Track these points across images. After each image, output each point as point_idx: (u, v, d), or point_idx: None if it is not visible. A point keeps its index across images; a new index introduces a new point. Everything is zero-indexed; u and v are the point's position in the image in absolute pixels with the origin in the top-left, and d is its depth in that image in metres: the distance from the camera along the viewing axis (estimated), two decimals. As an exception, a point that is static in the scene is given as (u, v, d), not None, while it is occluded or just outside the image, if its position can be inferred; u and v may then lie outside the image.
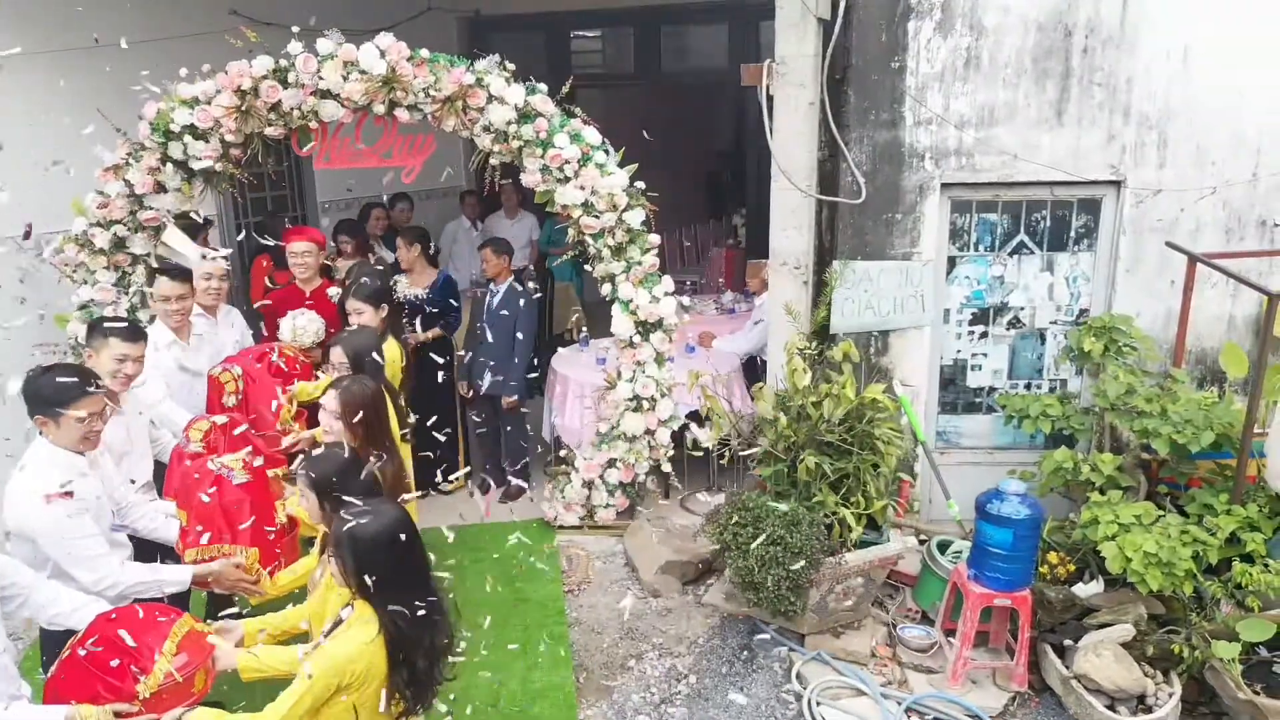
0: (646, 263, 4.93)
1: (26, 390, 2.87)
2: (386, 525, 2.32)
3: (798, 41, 4.73)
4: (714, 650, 4.34)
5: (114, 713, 2.33)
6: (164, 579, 2.98)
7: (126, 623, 2.45)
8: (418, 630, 2.32)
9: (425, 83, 4.58)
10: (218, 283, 4.69)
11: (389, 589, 2.30)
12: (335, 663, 2.25)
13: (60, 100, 4.96)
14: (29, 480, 2.80)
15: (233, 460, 3.23)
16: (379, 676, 2.29)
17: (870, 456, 4.22)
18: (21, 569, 2.63)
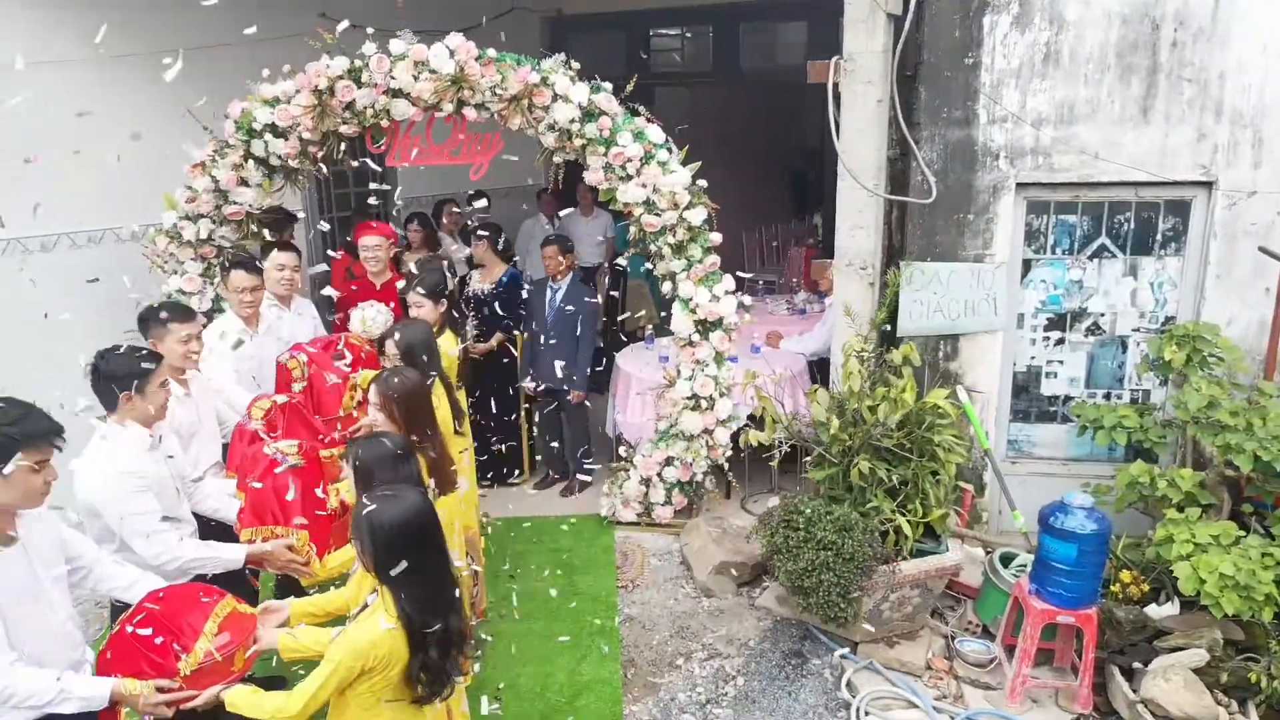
0: (707, 261, 4.91)
1: (105, 371, 2.98)
2: (403, 511, 2.36)
3: (866, 37, 4.63)
4: (764, 653, 4.30)
5: (157, 688, 2.45)
6: (219, 556, 3.11)
7: (171, 602, 2.57)
8: (429, 618, 2.35)
9: (492, 82, 4.66)
10: (290, 274, 4.85)
11: (402, 574, 2.34)
12: (358, 646, 2.31)
13: (159, 99, 5.23)
14: (98, 458, 2.96)
15: (288, 446, 3.35)
16: (400, 661, 2.34)
17: (929, 464, 4.11)
18: (87, 544, 2.78)
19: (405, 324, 3.78)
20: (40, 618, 2.47)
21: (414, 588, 2.34)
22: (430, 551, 2.39)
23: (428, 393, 3.17)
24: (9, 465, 2.31)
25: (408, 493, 2.44)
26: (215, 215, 5.07)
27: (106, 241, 5.63)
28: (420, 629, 2.34)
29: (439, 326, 4.30)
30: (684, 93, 9.93)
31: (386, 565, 2.34)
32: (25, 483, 2.37)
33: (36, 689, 2.33)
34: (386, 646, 2.31)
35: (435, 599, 2.37)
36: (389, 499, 2.39)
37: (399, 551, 2.33)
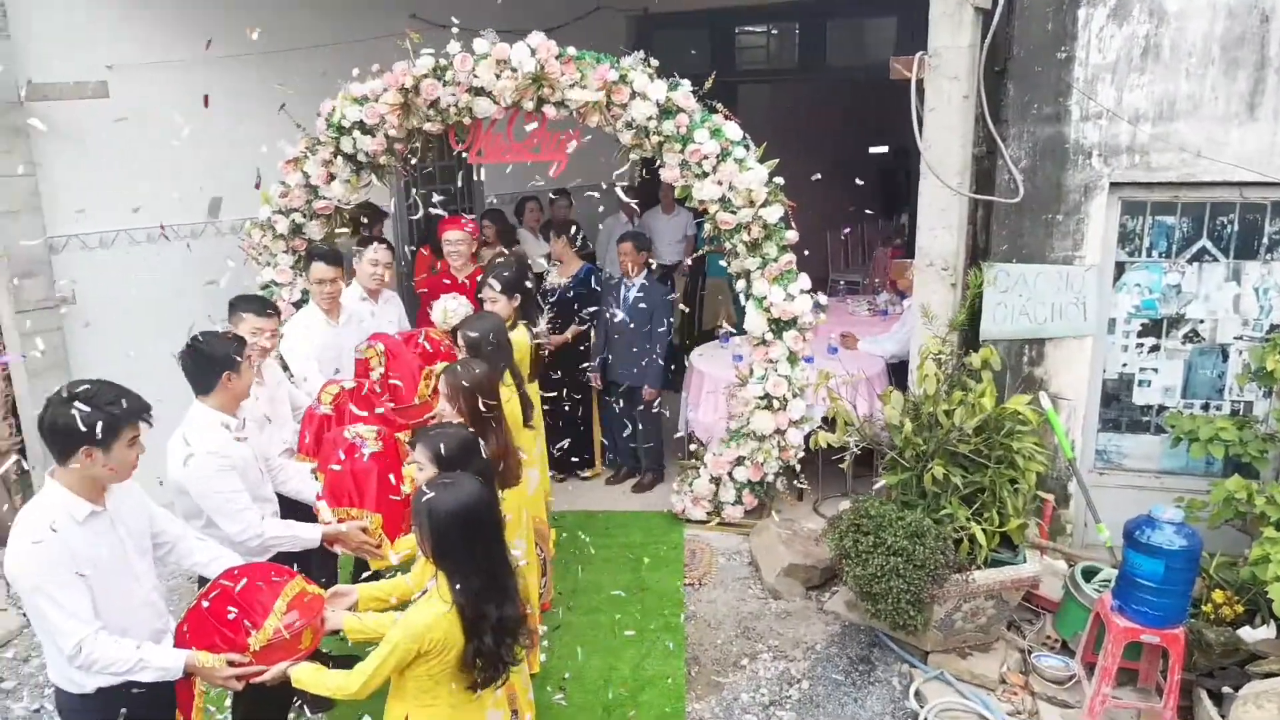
0: (782, 259, 4.86)
1: (206, 353, 3.12)
2: (461, 500, 2.41)
3: (952, 32, 4.51)
4: (831, 658, 4.24)
5: (228, 662, 2.56)
6: (298, 535, 3.24)
7: (244, 580, 2.68)
8: (484, 605, 2.39)
9: (572, 80, 4.71)
10: (382, 269, 5.01)
11: (459, 562, 2.39)
12: (415, 629, 2.37)
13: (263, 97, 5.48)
14: (187, 439, 3.11)
15: (366, 431, 3.46)
16: (456, 646, 2.39)
17: (1008, 471, 3.98)
18: (173, 521, 2.92)
19: (476, 317, 3.86)
20: (126, 588, 2.61)
21: (469, 574, 2.38)
22: (486, 540, 2.43)
23: (494, 385, 3.22)
24: (118, 440, 2.46)
25: (466, 481, 2.48)
26: (306, 210, 5.27)
27: (208, 234, 5.91)
28: (475, 616, 2.38)
29: (512, 321, 4.37)
30: (769, 90, 9.85)
31: (442, 551, 2.39)
32: (124, 456, 2.51)
33: (118, 657, 2.46)
34: (442, 631, 2.36)
35: (490, 586, 2.41)
36: (447, 486, 2.44)
37: (454, 538, 2.38)
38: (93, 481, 2.53)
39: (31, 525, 2.43)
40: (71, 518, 2.47)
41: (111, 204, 5.33)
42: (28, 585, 2.39)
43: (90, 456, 2.45)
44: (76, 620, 2.41)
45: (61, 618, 2.40)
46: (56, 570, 2.39)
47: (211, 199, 4.98)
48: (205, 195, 5.75)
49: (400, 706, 2.49)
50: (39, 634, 2.57)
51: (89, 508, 2.51)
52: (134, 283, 5.42)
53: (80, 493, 2.51)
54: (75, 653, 2.41)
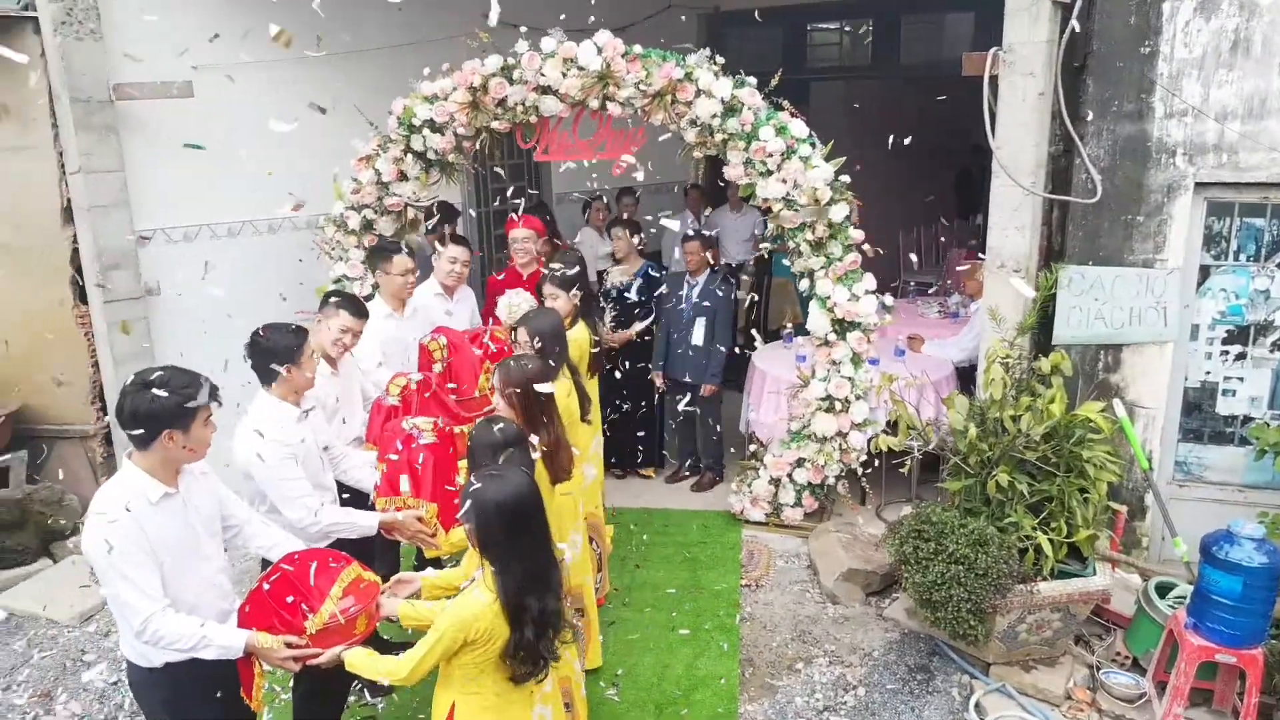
0: (847, 259, 4.78)
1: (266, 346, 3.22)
2: (507, 492, 2.43)
3: (1029, 27, 4.38)
4: (888, 665, 4.16)
5: (285, 643, 2.64)
6: (356, 522, 3.31)
7: (303, 565, 2.75)
8: (524, 597, 2.41)
9: (637, 78, 4.72)
10: (460, 267, 5.08)
11: (501, 553, 2.42)
12: (461, 618, 2.40)
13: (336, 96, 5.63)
14: (253, 427, 3.21)
15: (424, 422, 3.53)
16: (501, 637, 2.42)
17: (1078, 481, 3.85)
18: (241, 505, 3.02)
19: (533, 313, 3.89)
20: (195, 568, 2.71)
21: (511, 566, 2.41)
22: (530, 533, 2.46)
23: (546, 380, 3.24)
24: (194, 422, 2.57)
25: (513, 474, 2.51)
26: (377, 206, 5.39)
27: (285, 229, 6.10)
28: (516, 607, 2.40)
29: (571, 317, 4.39)
30: (841, 88, 9.70)
31: (486, 542, 2.43)
32: (201, 435, 2.62)
33: (182, 633, 2.55)
34: (488, 621, 2.39)
35: (531, 579, 2.43)
36: (494, 479, 2.47)
37: (498, 530, 2.41)
38: (169, 464, 2.63)
39: (108, 505, 2.53)
40: (146, 499, 2.57)
41: (194, 199, 5.54)
42: (102, 562, 2.49)
43: (172, 439, 2.55)
44: (145, 597, 2.51)
45: (132, 594, 2.50)
46: (130, 548, 2.49)
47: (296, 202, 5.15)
48: (282, 191, 5.92)
49: (447, 694, 2.53)
50: (112, 609, 2.69)
51: (163, 489, 2.61)
52: (214, 274, 5.62)
53: (156, 475, 2.61)
54: (142, 628, 2.51)
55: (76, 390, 5.41)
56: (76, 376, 5.39)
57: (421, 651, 2.44)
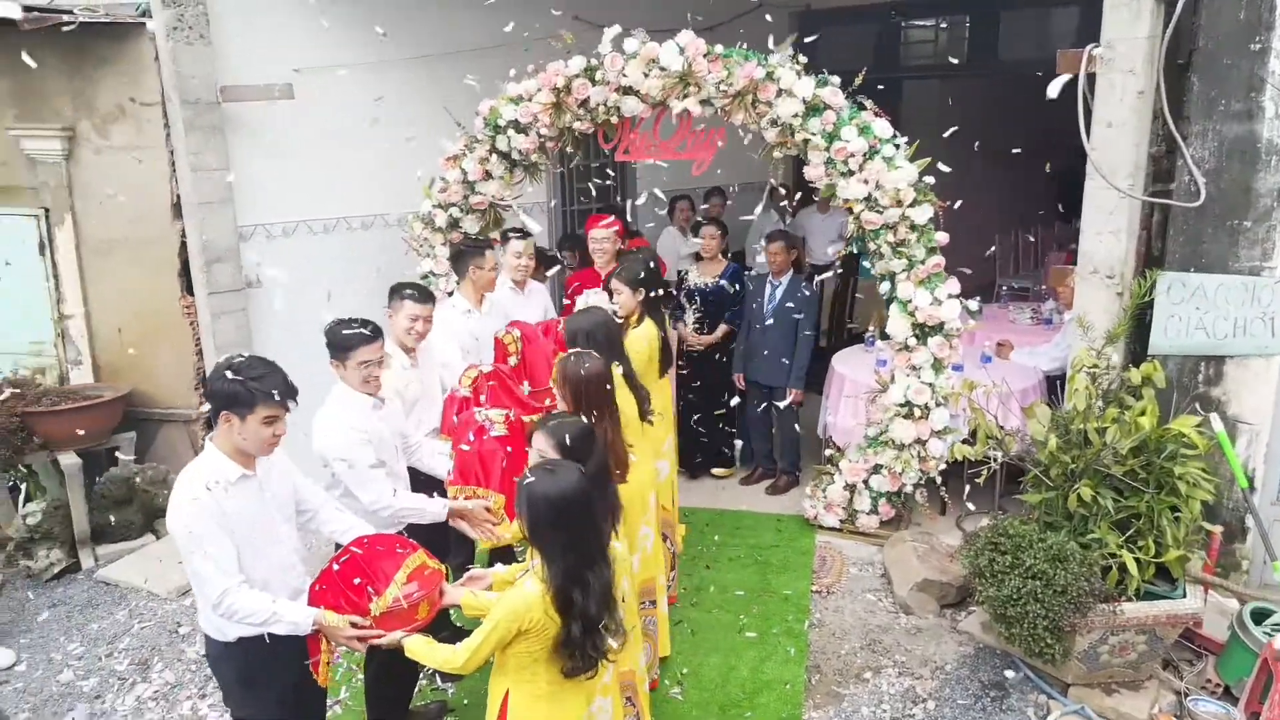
0: (930, 262, 4.67)
1: (328, 340, 3.36)
2: (559, 487, 2.47)
3: (1129, 22, 4.19)
4: (961, 680, 4.05)
5: (351, 623, 2.74)
6: (425, 509, 3.41)
7: (372, 549, 2.85)
8: (570, 591, 2.44)
9: (717, 78, 4.71)
10: (527, 260, 5.19)
11: (548, 546, 2.46)
12: (515, 608, 2.45)
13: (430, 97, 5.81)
14: (331, 414, 3.34)
15: (496, 414, 3.61)
16: (554, 628, 2.45)
17: (1168, 498, 3.67)
18: (316, 491, 3.14)
19: (580, 312, 3.93)
20: (268, 549, 2.84)
21: (556, 560, 2.45)
22: (578, 529, 2.48)
23: (596, 379, 3.26)
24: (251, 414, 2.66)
25: (567, 470, 2.55)
26: (463, 205, 5.53)
27: (377, 226, 6.32)
28: (563, 600, 2.43)
29: (638, 315, 4.40)
30: (936, 86, 9.45)
31: (534, 534, 2.48)
32: (257, 433, 2.69)
33: (255, 608, 2.68)
34: (540, 611, 2.44)
35: (576, 574, 2.46)
36: (549, 473, 2.51)
37: (545, 523, 2.46)
38: (238, 448, 2.74)
39: (190, 484, 2.68)
40: (224, 480, 2.70)
41: (293, 196, 5.79)
42: (184, 537, 2.64)
43: (229, 422, 2.68)
44: (222, 573, 2.64)
45: (210, 569, 2.64)
46: (208, 526, 2.63)
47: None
48: (376, 189, 6.15)
49: (502, 682, 2.59)
50: (192, 584, 2.83)
51: (240, 471, 2.74)
52: (311, 268, 5.87)
53: (232, 457, 2.74)
54: (219, 601, 2.65)
55: (182, 376, 5.73)
56: (182, 363, 5.70)
57: (477, 641, 2.50)
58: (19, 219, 5.68)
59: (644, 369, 4.29)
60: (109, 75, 5.41)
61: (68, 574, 5.22)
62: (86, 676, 4.33)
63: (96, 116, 5.49)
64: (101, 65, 5.40)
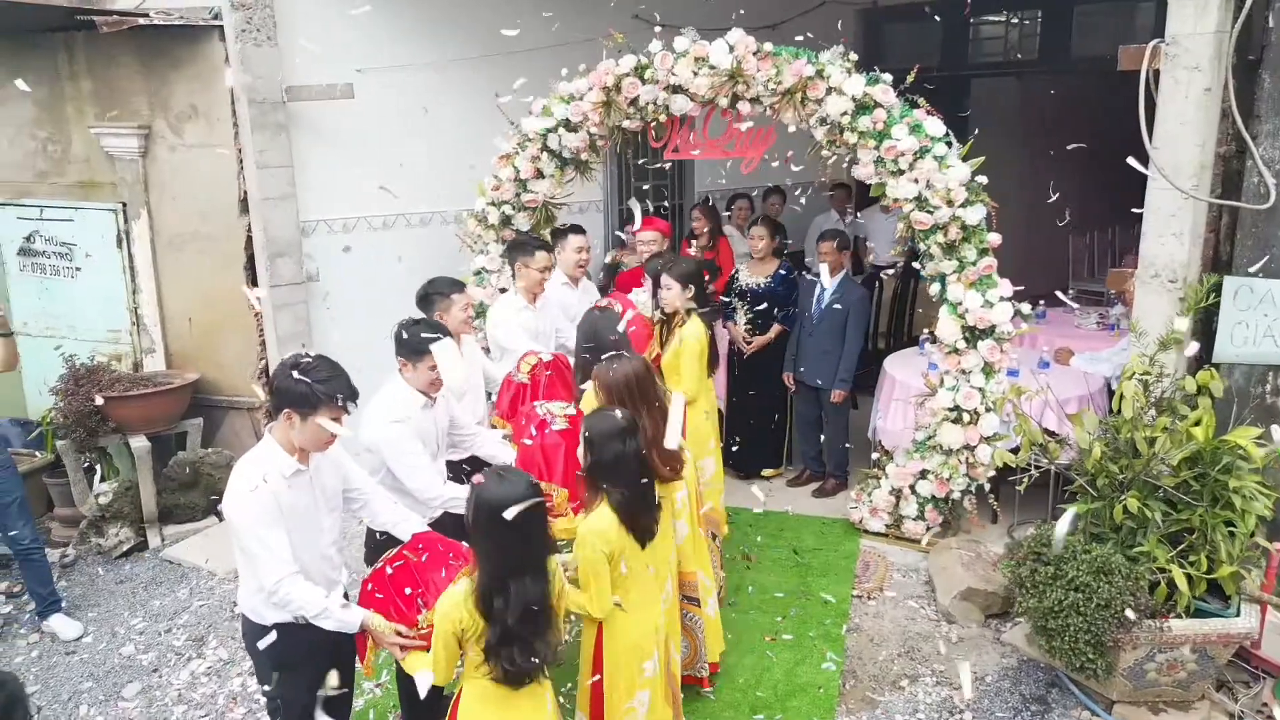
0: (981, 264, 4.56)
1: (396, 336, 3.45)
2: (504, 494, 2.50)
3: (1195, 17, 4.03)
4: (1001, 693, 3.95)
5: (396, 631, 2.78)
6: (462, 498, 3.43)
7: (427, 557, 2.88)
8: (492, 598, 2.49)
9: (766, 76, 4.68)
10: (586, 255, 5.25)
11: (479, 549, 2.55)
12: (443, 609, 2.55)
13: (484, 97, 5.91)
14: (382, 405, 3.41)
15: (557, 408, 3.67)
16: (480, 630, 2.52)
17: (1223, 512, 3.52)
18: (365, 479, 3.22)
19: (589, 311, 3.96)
20: (311, 540, 2.92)
21: (483, 564, 2.52)
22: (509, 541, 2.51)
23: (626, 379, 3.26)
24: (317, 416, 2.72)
25: (520, 480, 2.58)
26: (515, 203, 5.61)
27: (435, 222, 6.46)
28: (484, 605, 2.49)
29: (685, 312, 4.40)
30: (1007, 83, 9.19)
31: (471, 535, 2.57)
32: (314, 432, 2.77)
33: (308, 601, 2.75)
34: (464, 610, 2.51)
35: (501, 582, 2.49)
36: (500, 479, 2.57)
37: (480, 527, 2.52)
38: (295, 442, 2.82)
39: (248, 474, 2.76)
40: (280, 473, 2.78)
41: (353, 193, 5.96)
42: (242, 525, 2.73)
43: (290, 420, 2.75)
44: (279, 560, 2.72)
45: (268, 557, 2.72)
46: (267, 516, 2.72)
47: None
48: (434, 187, 6.28)
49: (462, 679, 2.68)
50: (240, 567, 2.94)
51: (295, 465, 2.82)
52: (369, 263, 6.04)
53: (289, 450, 2.81)
54: (275, 589, 2.72)
55: (246, 366, 5.94)
56: (246, 353, 5.91)
57: (433, 652, 2.60)
58: (100, 213, 5.97)
59: (694, 366, 4.30)
60: (183, 76, 5.65)
61: (136, 552, 5.48)
62: (146, 650, 4.54)
63: (171, 115, 5.74)
64: (176, 66, 5.65)
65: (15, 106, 6.04)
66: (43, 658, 4.53)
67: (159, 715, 4.08)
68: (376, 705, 4.03)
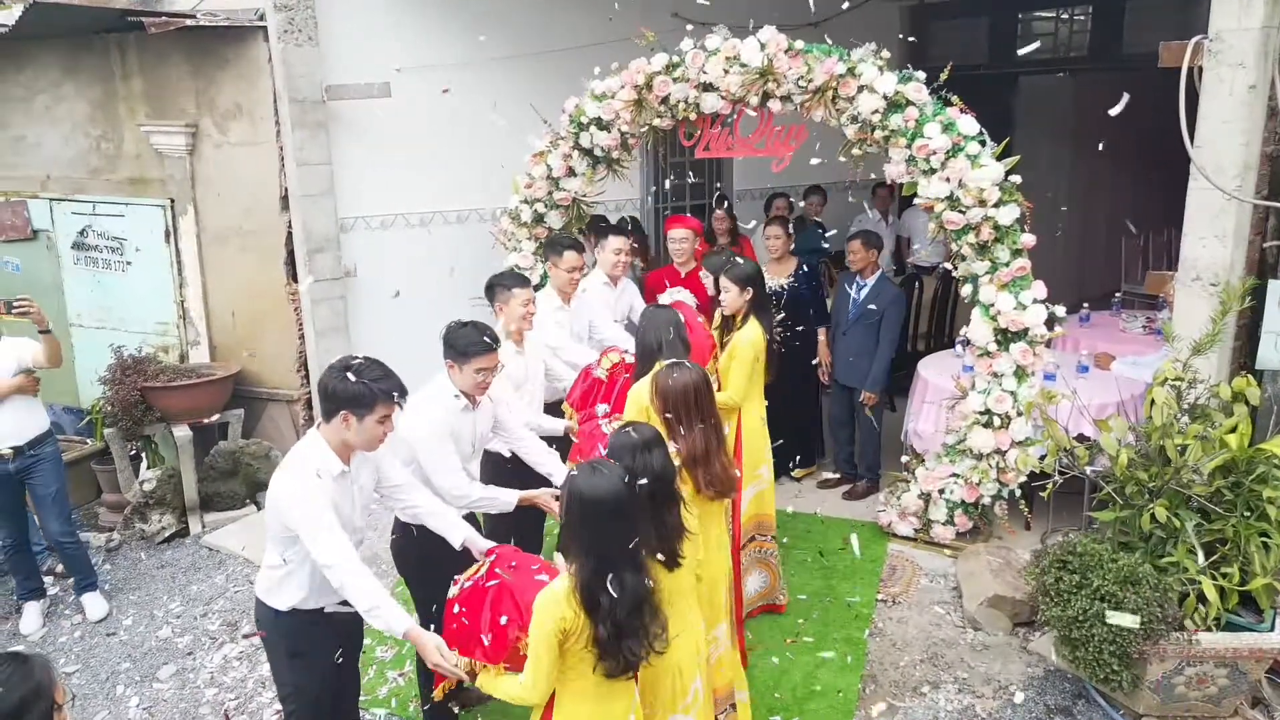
0: (1014, 265, 4.47)
1: (445, 337, 3.44)
2: (599, 486, 2.44)
3: (1240, 13, 3.91)
4: (1025, 703, 3.87)
5: (469, 670, 2.66)
6: (499, 499, 3.48)
7: (520, 576, 2.75)
8: (596, 593, 2.40)
9: (798, 74, 4.65)
10: (626, 256, 5.25)
11: (578, 543, 2.44)
12: (545, 608, 2.43)
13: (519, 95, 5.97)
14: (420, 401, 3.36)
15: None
16: (586, 626, 2.41)
17: (1258, 523, 3.41)
18: (406, 474, 3.25)
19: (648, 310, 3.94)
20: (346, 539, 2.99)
21: (586, 559, 2.43)
22: (609, 533, 2.44)
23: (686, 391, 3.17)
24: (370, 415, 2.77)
25: (613, 472, 2.51)
26: (547, 200, 5.65)
27: (471, 220, 6.54)
28: (588, 601, 2.41)
29: (744, 315, 4.38)
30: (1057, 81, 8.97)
31: (567, 529, 2.48)
32: (371, 431, 2.81)
33: (365, 593, 2.74)
34: (569, 607, 2.41)
35: (603, 575, 2.41)
36: (591, 471, 2.50)
37: (577, 520, 2.45)
38: (346, 445, 2.87)
39: (301, 469, 2.81)
40: (329, 472, 2.84)
41: (391, 190, 6.06)
42: (298, 516, 2.75)
43: (346, 422, 2.79)
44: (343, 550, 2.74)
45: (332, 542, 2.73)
46: (326, 507, 2.77)
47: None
48: (471, 184, 6.36)
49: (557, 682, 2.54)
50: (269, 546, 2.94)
51: (340, 466, 2.88)
52: (406, 260, 6.14)
53: (338, 451, 2.86)
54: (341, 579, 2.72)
55: (286, 359, 6.08)
56: (286, 346, 6.05)
57: (531, 662, 2.46)
58: (149, 209, 6.16)
59: (749, 372, 4.23)
60: (228, 75, 5.80)
61: (177, 538, 5.65)
62: (182, 634, 4.68)
63: (217, 114, 5.90)
64: (222, 66, 5.80)
65: (71, 105, 6.26)
66: (84, 638, 4.69)
67: (191, 697, 4.20)
68: (399, 694, 4.10)
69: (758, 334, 4.35)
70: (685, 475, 3.17)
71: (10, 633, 4.79)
